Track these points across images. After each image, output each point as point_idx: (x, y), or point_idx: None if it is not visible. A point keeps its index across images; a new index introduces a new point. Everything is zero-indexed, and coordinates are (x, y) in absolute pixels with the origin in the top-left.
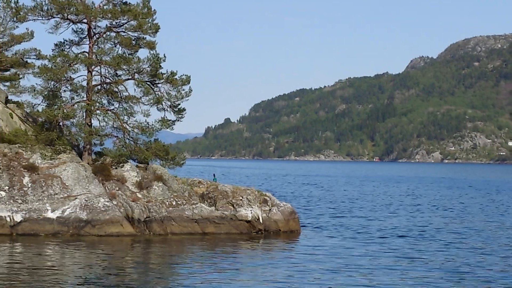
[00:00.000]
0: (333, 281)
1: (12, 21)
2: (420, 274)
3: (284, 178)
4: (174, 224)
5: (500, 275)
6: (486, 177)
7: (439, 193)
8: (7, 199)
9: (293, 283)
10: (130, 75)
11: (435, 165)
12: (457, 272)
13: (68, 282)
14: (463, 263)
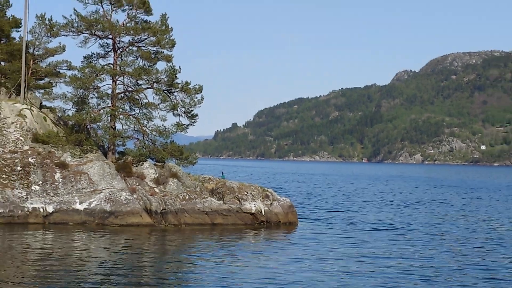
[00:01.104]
0: (325, 267)
1: (46, 36)
2: (404, 262)
3: (284, 176)
4: (187, 215)
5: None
6: (462, 177)
7: (423, 190)
8: (41, 193)
9: (290, 268)
10: (150, 85)
11: (417, 166)
12: (436, 259)
13: (93, 265)
14: (442, 251)
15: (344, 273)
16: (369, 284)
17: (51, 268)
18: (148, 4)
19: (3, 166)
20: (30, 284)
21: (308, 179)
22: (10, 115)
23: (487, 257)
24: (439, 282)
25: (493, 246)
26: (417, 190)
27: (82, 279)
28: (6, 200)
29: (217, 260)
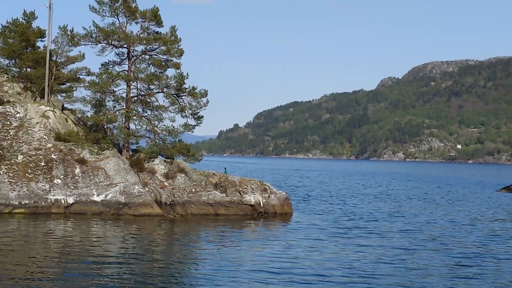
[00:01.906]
0: (317, 252)
1: (68, 45)
2: (386, 249)
3: (280, 172)
4: (193, 207)
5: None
6: (441, 173)
7: (405, 185)
8: (62, 186)
9: (284, 254)
10: (160, 89)
11: (399, 163)
12: (412, 245)
13: (108, 250)
14: (417, 238)
15: (332, 259)
16: (355, 268)
17: (71, 252)
18: (159, 17)
19: (29, 162)
20: (52, 265)
21: (303, 175)
22: (35, 116)
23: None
24: (414, 260)
25: None
26: (400, 185)
27: (99, 262)
28: (31, 192)
29: (220, 246)
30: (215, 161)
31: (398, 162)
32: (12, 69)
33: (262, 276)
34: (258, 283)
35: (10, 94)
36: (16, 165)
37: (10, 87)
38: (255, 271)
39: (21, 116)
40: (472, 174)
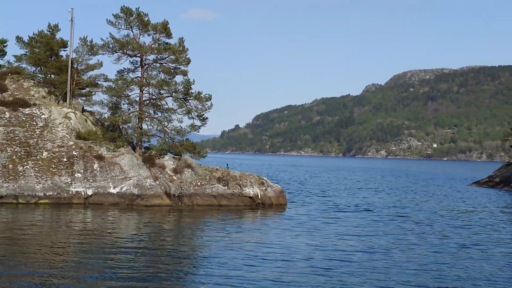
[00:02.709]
0: (308, 238)
1: (87, 54)
2: (372, 238)
3: (277, 167)
4: (199, 198)
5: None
6: (419, 169)
7: (389, 180)
8: (82, 179)
9: (279, 239)
10: (169, 94)
11: (381, 160)
12: (393, 232)
13: (124, 236)
14: (397, 225)
15: (318, 244)
16: (348, 251)
17: (90, 238)
18: (169, 30)
19: (52, 158)
20: (73, 249)
21: (296, 170)
22: (58, 117)
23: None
24: (398, 245)
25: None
26: (383, 179)
27: (115, 245)
28: (55, 185)
29: (222, 232)
30: (218, 157)
31: (380, 159)
32: (38, 76)
33: (258, 259)
34: (255, 266)
35: (36, 98)
36: (42, 161)
37: (36, 91)
38: (252, 255)
39: (45, 117)
40: (446, 170)
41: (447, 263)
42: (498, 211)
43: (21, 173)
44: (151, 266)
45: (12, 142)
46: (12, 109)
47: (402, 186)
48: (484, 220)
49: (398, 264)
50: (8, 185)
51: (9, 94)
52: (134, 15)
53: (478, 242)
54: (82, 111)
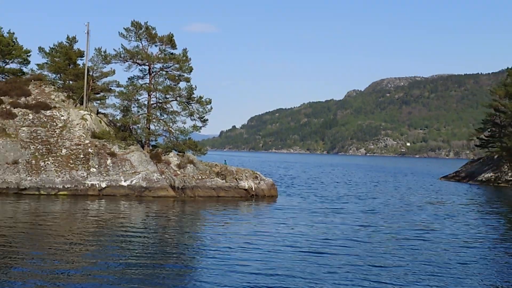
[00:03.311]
0: (296, 226)
1: (101, 63)
2: (351, 226)
3: (269, 163)
4: (200, 190)
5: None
6: (394, 164)
7: (368, 174)
8: (97, 173)
9: (270, 227)
10: (174, 98)
11: (361, 157)
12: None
13: (134, 223)
14: (375, 212)
15: (308, 232)
16: (332, 236)
17: (104, 225)
18: (174, 41)
19: (71, 154)
20: (88, 235)
21: (286, 166)
22: (76, 119)
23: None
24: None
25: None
26: (364, 174)
27: (127, 230)
28: (72, 178)
29: (220, 220)
30: (217, 154)
31: (360, 156)
32: (57, 82)
33: (250, 243)
34: (247, 249)
35: (56, 101)
36: (61, 157)
37: (56, 95)
38: (245, 240)
39: (64, 118)
40: (419, 166)
41: (416, 246)
42: (463, 201)
43: (42, 168)
44: (158, 249)
45: (35, 140)
46: (35, 112)
47: (382, 180)
48: (449, 210)
49: (372, 249)
50: (31, 178)
51: (32, 98)
52: (143, 28)
53: (444, 227)
54: (97, 113)
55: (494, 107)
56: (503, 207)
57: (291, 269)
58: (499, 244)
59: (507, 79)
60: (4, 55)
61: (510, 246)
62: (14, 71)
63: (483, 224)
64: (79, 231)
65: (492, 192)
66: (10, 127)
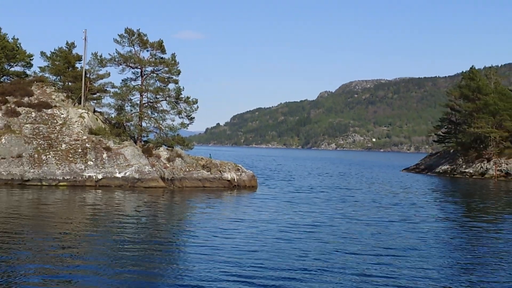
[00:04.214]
0: (273, 213)
1: (98, 66)
2: (322, 214)
3: (249, 157)
4: (187, 181)
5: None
6: (362, 158)
7: (339, 167)
8: (94, 166)
9: (252, 214)
10: (164, 98)
11: (332, 151)
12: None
13: (127, 211)
14: (345, 201)
15: (283, 219)
16: (303, 223)
17: (100, 213)
18: (163, 47)
19: (70, 149)
20: (86, 222)
21: (266, 160)
22: (74, 117)
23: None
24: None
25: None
26: (334, 167)
27: (121, 217)
28: (71, 170)
29: (205, 208)
30: (203, 149)
31: (331, 151)
32: (58, 83)
33: (232, 228)
34: (229, 233)
35: (56, 101)
36: (61, 151)
37: (56, 96)
38: (227, 225)
39: (64, 116)
40: (383, 159)
41: (380, 231)
42: (423, 190)
43: (44, 161)
44: (149, 234)
45: (37, 136)
46: (37, 110)
47: (350, 172)
48: (410, 198)
49: (338, 234)
50: (33, 170)
51: (34, 98)
52: (135, 35)
53: (405, 214)
54: (94, 112)
55: (450, 106)
56: (458, 195)
57: (267, 252)
58: (454, 227)
59: (461, 81)
60: (9, 59)
61: (462, 229)
62: (18, 74)
63: (441, 210)
64: (77, 217)
65: (448, 182)
66: (15, 124)
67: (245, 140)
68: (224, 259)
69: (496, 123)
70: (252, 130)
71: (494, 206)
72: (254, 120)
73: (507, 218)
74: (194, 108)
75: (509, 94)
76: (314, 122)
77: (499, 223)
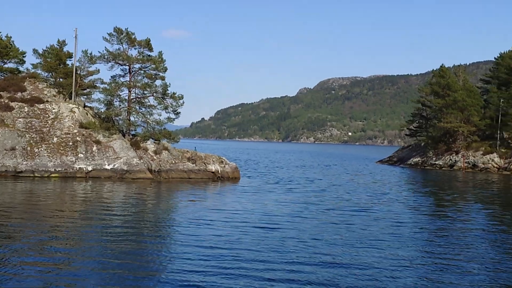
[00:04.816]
0: (253, 203)
1: (87, 63)
2: (300, 204)
3: (233, 150)
4: (173, 173)
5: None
6: (339, 151)
7: (317, 159)
8: (84, 158)
9: (234, 203)
10: (151, 94)
11: (311, 144)
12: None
13: (116, 201)
14: (322, 192)
15: (263, 208)
16: (283, 213)
17: (90, 203)
18: (151, 45)
19: (61, 142)
20: (77, 212)
21: (248, 152)
22: (65, 111)
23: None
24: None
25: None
26: (313, 159)
27: (110, 206)
28: (63, 163)
29: (191, 199)
30: (188, 142)
31: (310, 144)
32: (49, 79)
33: (215, 218)
34: (212, 222)
35: (48, 96)
36: (53, 144)
37: (48, 91)
38: (211, 215)
39: (55, 111)
40: (358, 152)
41: (355, 220)
42: (396, 181)
43: (36, 153)
44: (136, 224)
45: (30, 130)
46: (30, 105)
47: (329, 164)
48: (384, 188)
49: (316, 224)
50: (26, 162)
51: (27, 93)
52: (124, 33)
53: (379, 204)
54: (84, 107)
55: (422, 102)
56: (428, 185)
57: (245, 241)
58: (425, 217)
59: (432, 79)
60: (2, 56)
61: (433, 218)
62: (11, 70)
63: (412, 200)
64: (68, 207)
65: (419, 173)
66: (8, 118)
67: (228, 134)
68: (205, 247)
69: (464, 118)
70: (235, 125)
71: (462, 196)
72: (237, 115)
73: (474, 207)
74: (180, 104)
75: (476, 91)
76: (294, 117)
77: (466, 213)
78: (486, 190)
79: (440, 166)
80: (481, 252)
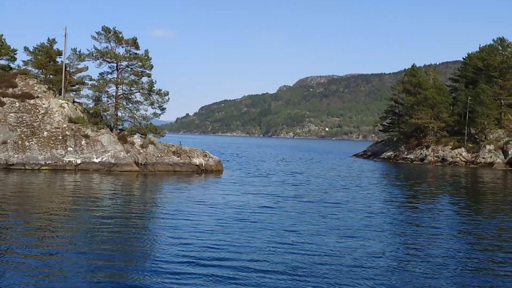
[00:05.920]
0: (235, 194)
1: (77, 61)
2: (278, 196)
3: (217, 144)
4: (159, 166)
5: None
6: (317, 146)
7: (296, 153)
8: (73, 152)
9: (217, 195)
10: (138, 90)
11: (290, 139)
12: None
13: (104, 193)
14: (300, 184)
15: (244, 200)
16: (261, 205)
17: (79, 194)
18: (137, 44)
19: (51, 136)
20: (66, 202)
21: (231, 146)
22: (55, 106)
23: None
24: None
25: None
26: (292, 153)
27: (98, 197)
28: (53, 156)
29: (175, 189)
30: (174, 137)
31: (289, 139)
32: (40, 76)
33: (199, 208)
34: (197, 212)
35: (38, 92)
36: (43, 138)
37: (39, 87)
38: (195, 205)
39: (46, 106)
40: (335, 147)
41: (330, 212)
42: (370, 174)
43: (27, 147)
44: (122, 215)
45: (21, 124)
46: (21, 100)
47: (307, 158)
48: (359, 181)
49: (292, 216)
50: (18, 155)
51: (18, 89)
52: (111, 32)
53: (353, 195)
54: (73, 102)
55: (394, 100)
56: (400, 178)
57: (228, 231)
58: (396, 208)
59: (404, 77)
60: None
61: (404, 209)
62: (3, 67)
63: (385, 192)
64: (58, 198)
65: (392, 167)
66: (0, 113)
67: (212, 129)
68: (186, 237)
69: (434, 115)
70: (218, 120)
71: (432, 188)
72: (220, 111)
73: (443, 199)
74: (166, 100)
75: (446, 89)
76: (274, 113)
77: (435, 204)
78: (454, 182)
79: (411, 160)
80: (449, 241)
